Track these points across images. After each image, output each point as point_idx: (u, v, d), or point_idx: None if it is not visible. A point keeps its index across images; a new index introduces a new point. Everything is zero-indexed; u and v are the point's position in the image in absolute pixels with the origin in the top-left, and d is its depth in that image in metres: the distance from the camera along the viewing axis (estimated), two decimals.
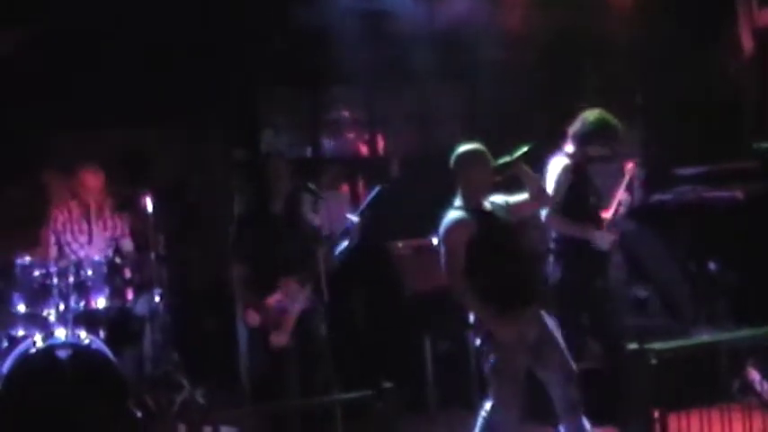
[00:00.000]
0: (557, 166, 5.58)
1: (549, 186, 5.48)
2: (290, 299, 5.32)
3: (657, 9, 7.01)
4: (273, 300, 5.32)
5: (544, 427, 5.78)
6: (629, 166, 5.70)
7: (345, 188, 7.33)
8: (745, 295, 6.53)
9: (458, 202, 4.92)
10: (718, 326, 6.38)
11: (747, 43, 7.42)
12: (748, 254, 6.53)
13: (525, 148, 5.04)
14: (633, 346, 4.79)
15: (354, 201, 7.12)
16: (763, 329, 5.21)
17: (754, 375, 6.03)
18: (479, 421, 4.88)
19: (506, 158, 5.02)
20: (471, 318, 4.89)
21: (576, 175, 5.59)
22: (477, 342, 4.89)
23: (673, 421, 4.95)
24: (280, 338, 5.31)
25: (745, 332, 5.69)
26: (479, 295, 4.72)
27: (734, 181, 6.38)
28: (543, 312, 4.92)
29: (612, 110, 6.11)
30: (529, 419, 5.52)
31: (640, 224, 5.95)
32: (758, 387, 5.99)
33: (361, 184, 7.26)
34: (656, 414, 4.84)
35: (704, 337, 5.80)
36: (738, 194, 6.57)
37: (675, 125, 6.35)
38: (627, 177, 5.71)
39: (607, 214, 5.60)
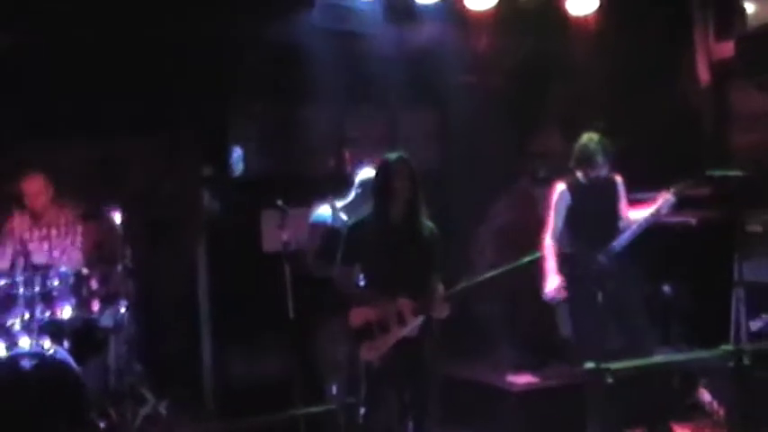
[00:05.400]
0: (555, 191, 6.05)
1: (551, 213, 6.04)
2: (398, 320, 5.02)
3: (620, 38, 7.09)
4: (381, 313, 5.02)
5: None
6: (666, 196, 5.88)
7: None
8: (698, 318, 6.63)
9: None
10: (671, 347, 6.47)
11: (704, 74, 7.56)
12: (701, 278, 6.63)
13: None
14: (590, 365, 4.99)
15: None
16: (714, 352, 5.39)
17: (706, 396, 6.12)
18: None
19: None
20: None
21: (572, 197, 5.98)
22: None
23: None
24: (369, 354, 5.04)
25: (697, 354, 5.94)
26: None
27: (688, 207, 6.40)
28: None
29: (576, 133, 6.33)
30: None
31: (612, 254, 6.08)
32: (708, 407, 6.09)
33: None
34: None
35: (658, 358, 5.84)
36: (692, 220, 6.68)
37: (634, 150, 6.43)
38: (657, 205, 5.91)
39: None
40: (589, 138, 6.02)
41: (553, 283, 5.87)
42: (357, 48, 7.04)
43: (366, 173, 5.88)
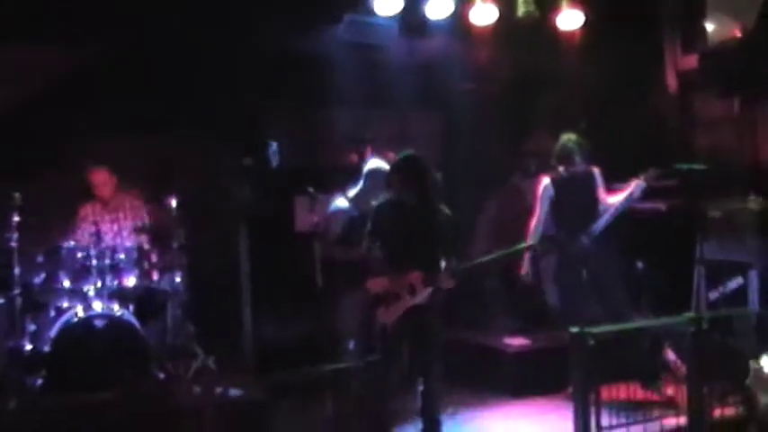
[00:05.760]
0: (541, 184, 6.23)
1: (537, 205, 6.18)
2: (409, 290, 5.15)
3: (600, 51, 7.17)
4: (392, 283, 5.17)
5: None
6: (637, 182, 6.03)
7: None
8: (665, 290, 6.69)
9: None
10: (643, 315, 6.52)
11: (672, 82, 7.70)
12: (669, 256, 6.70)
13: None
14: (574, 329, 5.08)
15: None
16: (678, 318, 5.47)
17: (671, 355, 6.26)
18: None
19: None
20: None
21: (555, 189, 6.14)
22: None
23: (604, 391, 5.29)
24: (384, 317, 5.18)
25: (664, 320, 5.94)
26: None
27: (658, 196, 6.56)
28: None
29: (563, 133, 6.47)
30: None
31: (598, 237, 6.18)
32: (673, 365, 6.21)
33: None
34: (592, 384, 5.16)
35: (632, 323, 5.93)
36: (662, 207, 6.81)
37: (612, 147, 6.55)
38: (630, 189, 6.06)
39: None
40: (568, 138, 6.21)
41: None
42: (374, 58, 7.12)
43: (373, 164, 5.97)
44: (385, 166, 5.86)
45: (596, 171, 6.28)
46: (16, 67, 6.50)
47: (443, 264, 5.21)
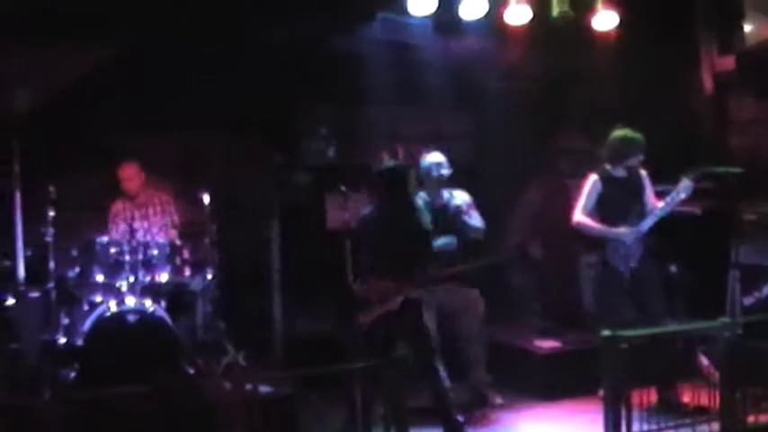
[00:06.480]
0: (589, 180, 6.08)
1: (583, 196, 6.05)
2: (381, 297, 5.39)
3: (636, 51, 7.11)
4: (369, 291, 5.45)
5: None
6: (685, 182, 5.91)
7: None
8: (700, 294, 6.64)
9: None
10: (676, 319, 6.42)
11: (708, 84, 7.59)
12: (703, 260, 6.64)
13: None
14: (606, 332, 5.03)
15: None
16: (712, 323, 5.43)
17: (704, 361, 6.11)
18: None
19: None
20: None
21: (603, 185, 6.01)
22: None
23: (636, 395, 5.21)
24: (364, 318, 5.48)
25: (697, 324, 5.85)
26: None
27: (694, 198, 6.36)
28: None
29: (596, 132, 6.40)
30: None
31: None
32: (706, 371, 6.04)
33: None
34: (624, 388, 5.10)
35: (665, 327, 5.83)
36: (697, 210, 6.69)
37: (648, 149, 6.50)
38: (677, 189, 5.93)
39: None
40: (624, 134, 6.06)
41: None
42: (409, 57, 7.12)
43: (429, 158, 6.06)
44: (442, 159, 6.03)
45: (644, 173, 6.17)
46: (49, 66, 6.54)
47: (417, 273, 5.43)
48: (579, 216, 6.09)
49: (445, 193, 6.16)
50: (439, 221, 5.94)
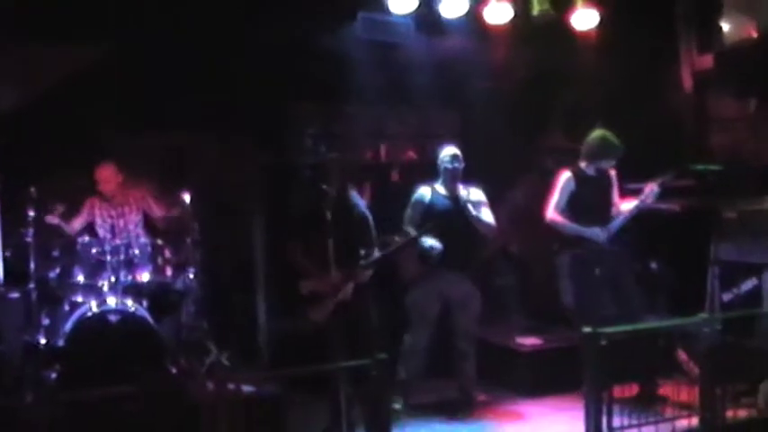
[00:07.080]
0: (562, 177, 6.11)
1: (555, 193, 6.05)
2: (330, 288, 5.33)
3: (616, 50, 7.12)
4: (317, 284, 5.39)
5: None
6: (651, 186, 5.96)
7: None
8: (679, 290, 6.68)
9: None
10: (656, 315, 6.49)
11: (687, 82, 7.62)
12: (683, 257, 6.66)
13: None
14: (587, 329, 5.05)
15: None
16: (692, 319, 5.47)
17: (683, 356, 6.20)
18: None
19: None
20: None
21: (577, 183, 6.04)
22: None
23: (617, 391, 5.23)
24: (315, 315, 5.43)
25: (677, 321, 5.91)
26: None
27: (673, 196, 6.49)
28: None
29: (578, 131, 6.40)
30: None
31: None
32: (686, 366, 6.16)
33: (367, 186, 7.38)
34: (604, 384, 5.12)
35: (645, 324, 5.89)
36: (676, 207, 6.73)
37: (627, 147, 6.51)
38: (643, 195, 5.98)
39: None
40: (601, 135, 6.10)
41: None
42: (393, 56, 7.11)
43: (444, 151, 6.11)
44: (456, 152, 6.07)
45: (613, 173, 6.21)
46: (31, 66, 6.48)
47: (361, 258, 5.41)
48: (552, 214, 6.13)
49: (461, 188, 6.13)
50: (452, 214, 5.94)
